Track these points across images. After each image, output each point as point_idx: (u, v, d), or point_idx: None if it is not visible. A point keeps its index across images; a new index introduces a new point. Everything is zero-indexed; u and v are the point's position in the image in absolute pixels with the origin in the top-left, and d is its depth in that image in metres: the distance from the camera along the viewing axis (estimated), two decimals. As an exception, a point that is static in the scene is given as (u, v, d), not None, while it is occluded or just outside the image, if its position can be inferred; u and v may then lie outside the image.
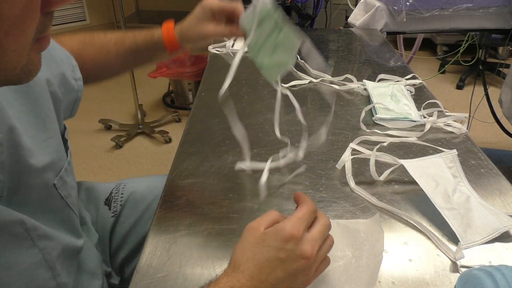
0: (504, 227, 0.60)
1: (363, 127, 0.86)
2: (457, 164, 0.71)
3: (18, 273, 0.46)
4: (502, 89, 1.65)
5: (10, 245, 0.45)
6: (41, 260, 0.49)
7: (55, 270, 0.51)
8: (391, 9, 1.48)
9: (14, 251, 0.46)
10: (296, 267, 0.45)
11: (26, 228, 0.47)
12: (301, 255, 0.45)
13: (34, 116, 0.52)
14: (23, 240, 0.47)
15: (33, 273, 0.48)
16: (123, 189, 0.84)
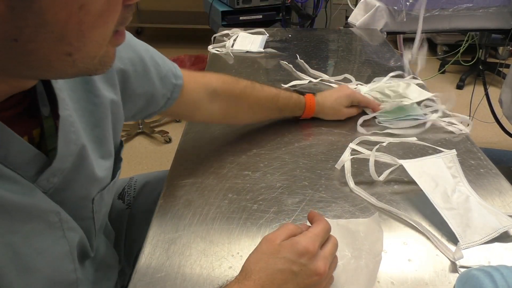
0: (503, 227, 0.60)
1: (362, 130, 0.86)
2: (457, 164, 0.71)
3: (48, 261, 0.48)
4: (502, 89, 1.66)
5: (45, 232, 0.47)
6: (67, 252, 0.51)
7: (76, 264, 0.53)
8: (391, 9, 1.48)
9: (47, 238, 0.48)
10: (308, 283, 0.46)
11: (60, 218, 0.49)
12: (315, 270, 0.46)
13: (94, 136, 0.54)
14: (56, 230, 0.49)
15: (60, 263, 0.50)
16: (135, 184, 0.88)
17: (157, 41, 3.93)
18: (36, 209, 0.45)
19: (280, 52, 1.31)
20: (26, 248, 0.44)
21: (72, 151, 0.49)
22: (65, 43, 0.35)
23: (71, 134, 0.48)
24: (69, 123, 0.48)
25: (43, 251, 0.47)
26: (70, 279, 0.52)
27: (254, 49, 1.31)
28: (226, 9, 2.25)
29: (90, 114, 0.53)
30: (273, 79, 1.12)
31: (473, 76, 2.84)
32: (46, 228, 0.47)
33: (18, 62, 0.36)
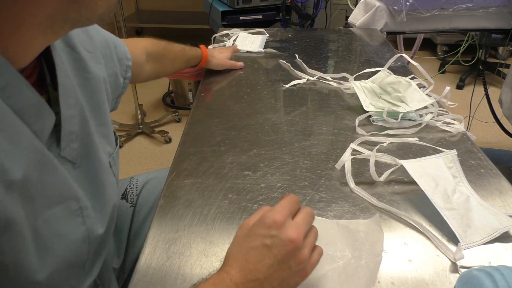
0: (503, 228, 0.60)
1: (360, 131, 0.86)
2: (457, 164, 0.71)
3: (66, 244, 0.50)
4: (502, 89, 1.66)
5: (65, 217, 0.50)
6: (85, 237, 0.54)
7: (91, 247, 0.56)
8: (391, 9, 1.48)
9: (67, 224, 0.50)
10: (285, 253, 0.45)
11: (80, 206, 0.52)
12: (287, 238, 0.45)
13: (91, 104, 0.59)
14: (76, 217, 0.52)
15: (78, 247, 0.53)
16: (137, 183, 0.90)
17: (157, 41, 3.93)
18: (59, 195, 0.48)
19: (280, 52, 1.31)
20: (47, 231, 0.47)
21: (75, 114, 0.53)
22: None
23: (70, 99, 0.52)
24: (67, 89, 0.52)
25: (62, 234, 0.49)
26: (82, 260, 0.55)
27: (254, 49, 1.31)
28: (226, 9, 2.25)
29: (84, 87, 0.58)
30: (273, 78, 1.12)
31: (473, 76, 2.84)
32: (66, 214, 0.50)
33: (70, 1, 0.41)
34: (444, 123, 0.89)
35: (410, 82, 0.97)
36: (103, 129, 0.61)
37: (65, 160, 0.51)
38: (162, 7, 3.90)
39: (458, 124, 0.88)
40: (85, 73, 0.58)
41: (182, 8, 3.87)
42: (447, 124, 0.88)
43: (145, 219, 0.85)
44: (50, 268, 0.48)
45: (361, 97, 0.95)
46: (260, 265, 0.44)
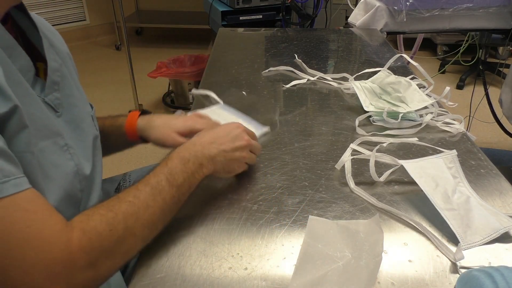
0: (504, 228, 0.59)
1: (361, 131, 0.86)
2: (457, 165, 0.71)
3: (62, 174, 0.57)
4: (502, 89, 1.65)
5: (57, 151, 0.57)
6: (76, 173, 0.60)
7: (82, 184, 0.62)
8: (391, 9, 1.48)
9: (59, 156, 0.57)
10: (231, 128, 0.68)
11: (66, 143, 0.59)
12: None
13: (66, 67, 0.66)
14: (64, 152, 0.58)
15: (71, 179, 0.59)
16: (129, 177, 0.93)
17: (157, 41, 3.93)
18: (46, 129, 0.55)
19: (280, 52, 1.31)
20: (43, 159, 0.53)
21: (57, 67, 0.62)
22: None
23: (51, 54, 0.61)
24: (49, 46, 0.62)
25: (57, 165, 0.56)
26: (77, 196, 0.61)
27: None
28: (226, 9, 2.25)
29: (56, 50, 0.65)
30: (273, 79, 1.12)
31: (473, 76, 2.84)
32: (56, 149, 0.57)
33: None
34: (444, 123, 0.89)
35: (410, 82, 0.96)
36: (79, 92, 0.69)
37: (49, 106, 0.58)
38: (162, 7, 3.90)
39: (458, 124, 0.88)
40: (54, 48, 0.65)
41: (182, 8, 3.87)
42: (447, 124, 0.88)
43: None
44: (56, 195, 0.55)
45: (361, 97, 0.95)
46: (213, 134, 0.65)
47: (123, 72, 2.86)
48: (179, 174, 0.59)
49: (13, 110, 0.47)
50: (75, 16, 3.71)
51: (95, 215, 0.51)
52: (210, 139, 0.65)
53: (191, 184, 0.61)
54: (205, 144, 0.64)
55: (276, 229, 0.61)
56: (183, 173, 0.59)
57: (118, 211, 0.52)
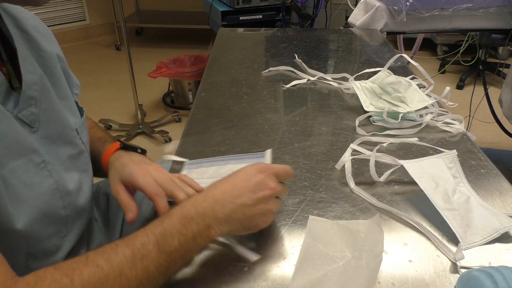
0: (504, 228, 0.59)
1: (361, 131, 0.86)
2: (457, 165, 0.71)
3: (37, 194, 0.52)
4: (502, 89, 1.66)
5: (32, 170, 0.52)
6: (55, 189, 0.55)
7: (65, 201, 0.57)
8: (391, 9, 1.48)
9: (35, 174, 0.52)
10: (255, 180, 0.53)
11: (43, 160, 0.53)
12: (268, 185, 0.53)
13: (49, 78, 0.60)
14: (41, 169, 0.53)
15: (49, 198, 0.54)
16: None
17: (157, 41, 3.93)
18: (19, 147, 0.50)
19: (280, 52, 1.31)
20: (15, 180, 0.49)
21: (35, 80, 0.55)
22: None
23: (29, 65, 0.55)
24: (26, 56, 0.55)
25: (30, 184, 0.51)
26: (60, 214, 0.56)
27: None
28: (226, 9, 2.25)
29: (40, 65, 0.59)
30: (273, 79, 1.12)
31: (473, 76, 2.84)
32: (31, 167, 0.52)
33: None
34: (444, 123, 0.89)
35: (410, 82, 0.96)
36: (64, 102, 0.62)
37: (23, 122, 0.52)
38: (162, 7, 3.90)
39: (458, 124, 0.88)
40: (39, 51, 0.60)
41: (182, 8, 3.88)
42: (447, 124, 0.88)
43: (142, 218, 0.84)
44: (27, 217, 0.50)
45: (361, 97, 0.95)
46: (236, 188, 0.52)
47: (123, 72, 2.86)
48: (174, 236, 0.47)
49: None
50: (75, 16, 3.71)
51: (46, 279, 0.41)
52: (224, 191, 0.52)
53: (189, 250, 0.49)
54: (218, 198, 0.51)
55: (276, 229, 0.61)
56: (180, 236, 0.47)
57: (77, 278, 0.42)
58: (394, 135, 0.85)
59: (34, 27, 0.62)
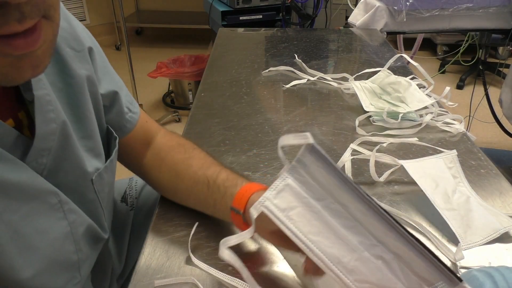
0: (504, 228, 0.59)
1: (360, 131, 0.86)
2: (457, 165, 0.71)
3: (48, 241, 0.49)
4: (502, 89, 1.66)
5: (44, 213, 0.48)
6: (68, 233, 0.52)
7: (78, 245, 0.54)
8: (391, 9, 1.48)
9: (47, 219, 0.49)
10: None
11: (60, 200, 0.50)
12: None
13: (73, 115, 0.54)
14: (55, 211, 0.50)
15: (61, 244, 0.51)
16: (136, 184, 0.88)
17: (157, 41, 3.93)
18: (34, 190, 0.46)
19: (280, 52, 1.31)
20: (26, 227, 0.46)
21: (53, 130, 0.49)
22: None
23: (49, 113, 0.48)
24: (46, 102, 0.48)
25: (43, 231, 0.48)
26: (72, 260, 0.53)
27: None
28: (226, 9, 2.25)
29: (66, 95, 0.53)
30: (273, 79, 1.12)
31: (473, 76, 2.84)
32: (46, 209, 0.48)
33: None
34: (444, 123, 0.89)
35: (410, 82, 0.96)
36: (88, 142, 0.56)
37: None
38: (162, 7, 3.90)
39: (458, 124, 0.88)
40: (67, 77, 0.53)
41: (182, 8, 3.87)
42: (447, 124, 0.88)
43: (145, 220, 0.84)
44: (36, 267, 0.47)
45: (361, 97, 0.95)
46: None
47: (123, 72, 2.85)
48: None
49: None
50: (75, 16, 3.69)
51: None
52: None
53: None
54: None
55: (276, 229, 0.61)
56: None
57: None
58: (394, 135, 0.85)
59: (66, 40, 0.54)
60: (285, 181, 0.37)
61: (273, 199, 0.36)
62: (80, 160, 0.54)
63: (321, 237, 0.36)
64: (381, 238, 0.36)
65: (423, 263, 0.35)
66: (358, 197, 0.36)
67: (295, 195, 0.37)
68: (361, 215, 0.36)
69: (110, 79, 0.63)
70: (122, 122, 0.65)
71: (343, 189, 0.37)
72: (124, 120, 0.65)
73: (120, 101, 0.64)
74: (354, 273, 0.36)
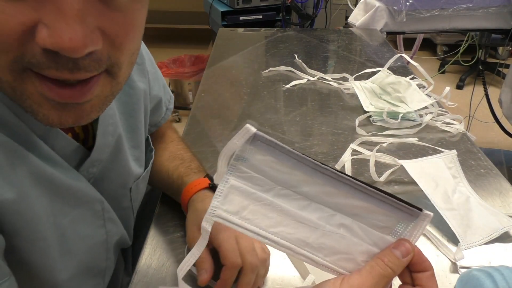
0: (503, 228, 0.60)
1: (361, 131, 0.86)
2: (457, 165, 0.71)
3: (87, 247, 0.50)
4: (502, 89, 1.66)
5: (88, 220, 0.49)
6: (104, 241, 0.53)
7: (109, 253, 0.55)
8: (391, 9, 1.48)
9: (90, 225, 0.50)
10: None
11: (103, 208, 0.51)
12: None
13: (128, 125, 0.56)
14: (97, 219, 0.51)
15: (96, 250, 0.52)
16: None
17: (157, 41, 3.93)
18: (84, 195, 0.48)
19: (280, 52, 1.31)
20: (72, 232, 0.47)
21: (110, 142, 0.51)
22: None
23: (109, 126, 0.50)
24: (108, 116, 0.50)
25: (84, 237, 0.49)
26: (101, 266, 0.54)
27: None
28: (226, 9, 2.25)
29: (125, 105, 0.55)
30: (273, 79, 1.12)
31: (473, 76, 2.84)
32: (90, 215, 0.50)
33: None
34: (444, 123, 0.89)
35: (410, 82, 0.97)
36: (136, 152, 0.58)
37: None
38: (162, 7, 3.90)
39: (458, 124, 0.88)
40: (129, 88, 0.55)
41: (182, 8, 3.87)
42: (447, 124, 0.88)
43: (146, 219, 0.84)
44: (71, 271, 0.48)
45: (361, 98, 0.95)
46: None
47: (123, 72, 2.85)
48: None
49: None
50: (75, 16, 3.70)
51: None
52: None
53: None
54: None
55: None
56: None
57: None
58: (394, 135, 0.85)
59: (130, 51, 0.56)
60: (227, 183, 0.35)
61: (221, 206, 0.35)
62: (127, 170, 0.56)
63: (282, 227, 0.36)
64: (338, 205, 0.36)
65: (380, 210, 0.35)
66: (311, 169, 0.35)
67: (243, 194, 0.36)
68: (315, 188, 0.36)
69: (158, 85, 0.65)
70: (159, 120, 0.69)
71: (295, 167, 0.35)
72: (161, 118, 0.69)
73: (161, 103, 0.67)
74: (322, 250, 0.36)
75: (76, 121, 0.37)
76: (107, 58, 0.34)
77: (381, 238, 0.36)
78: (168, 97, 0.71)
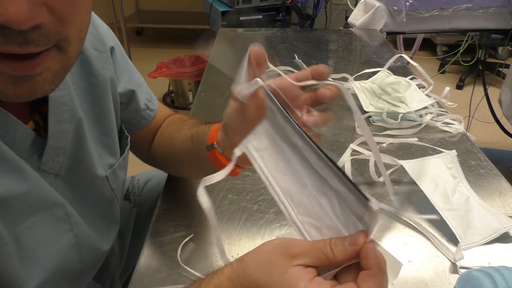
0: (503, 228, 0.60)
1: (360, 132, 0.86)
2: (457, 165, 0.71)
3: (52, 252, 0.49)
4: (502, 89, 1.66)
5: (51, 225, 0.49)
6: (74, 244, 0.52)
7: (83, 255, 0.54)
8: (391, 9, 1.48)
9: (54, 231, 0.49)
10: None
11: (66, 212, 0.51)
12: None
13: (93, 112, 0.56)
14: (62, 223, 0.50)
15: (65, 254, 0.51)
16: (138, 182, 0.89)
17: (157, 41, 3.93)
18: (41, 202, 0.47)
19: (280, 52, 1.31)
20: (29, 238, 0.46)
21: (66, 129, 0.50)
22: None
23: (63, 113, 0.50)
24: (61, 103, 0.50)
25: (47, 242, 0.48)
26: (74, 269, 0.54)
27: None
28: (226, 9, 2.25)
29: (88, 93, 0.55)
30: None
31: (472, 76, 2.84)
32: (51, 221, 0.49)
33: None
34: (444, 124, 0.89)
35: (410, 83, 0.97)
36: (106, 139, 0.58)
37: (46, 173, 0.49)
38: (162, 7, 3.90)
39: (458, 124, 0.88)
40: (91, 77, 0.55)
41: (182, 8, 3.87)
42: (447, 125, 0.88)
43: (147, 216, 0.84)
44: (39, 278, 0.47)
45: (361, 98, 0.95)
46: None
47: (123, 72, 2.85)
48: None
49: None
50: (75, 16, 3.70)
51: None
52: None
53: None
54: None
55: (276, 229, 0.61)
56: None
57: None
58: (393, 135, 0.85)
59: (91, 42, 0.55)
60: (263, 126, 0.44)
61: (252, 140, 0.44)
62: (96, 157, 0.56)
63: (280, 173, 0.41)
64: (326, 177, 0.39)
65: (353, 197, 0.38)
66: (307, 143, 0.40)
67: (269, 138, 0.44)
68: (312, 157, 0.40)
69: (129, 77, 0.65)
70: (138, 119, 0.67)
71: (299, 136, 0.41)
72: (140, 117, 0.68)
73: (137, 99, 0.66)
74: (299, 207, 0.39)
75: (31, 94, 0.39)
76: (56, 33, 0.37)
77: (353, 224, 0.37)
78: (148, 97, 0.69)
